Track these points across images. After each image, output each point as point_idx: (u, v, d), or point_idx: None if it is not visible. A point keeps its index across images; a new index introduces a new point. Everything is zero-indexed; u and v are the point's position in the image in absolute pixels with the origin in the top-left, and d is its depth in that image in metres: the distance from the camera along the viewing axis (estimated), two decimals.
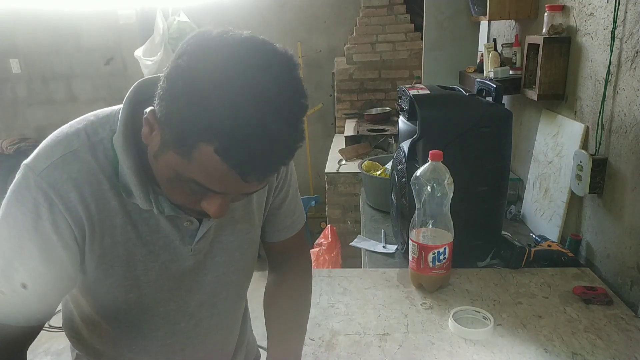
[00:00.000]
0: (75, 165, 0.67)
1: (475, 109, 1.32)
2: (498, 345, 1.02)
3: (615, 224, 1.23)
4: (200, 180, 0.60)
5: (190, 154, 0.57)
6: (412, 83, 3.14)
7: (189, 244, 0.77)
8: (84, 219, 0.68)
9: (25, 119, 4.41)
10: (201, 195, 0.64)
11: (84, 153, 0.68)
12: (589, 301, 1.14)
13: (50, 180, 0.65)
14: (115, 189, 0.69)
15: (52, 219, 0.66)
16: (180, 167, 0.60)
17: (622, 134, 1.19)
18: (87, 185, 0.67)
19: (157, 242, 0.75)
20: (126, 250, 0.72)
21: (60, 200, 0.66)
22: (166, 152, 0.61)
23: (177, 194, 0.66)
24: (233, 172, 0.57)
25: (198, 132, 0.56)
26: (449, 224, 1.18)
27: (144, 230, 0.73)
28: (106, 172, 0.69)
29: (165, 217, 0.73)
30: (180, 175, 0.61)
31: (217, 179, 0.59)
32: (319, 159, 3.71)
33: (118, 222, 0.71)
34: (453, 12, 2.40)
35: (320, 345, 1.04)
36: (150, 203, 0.70)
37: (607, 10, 1.23)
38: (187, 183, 0.61)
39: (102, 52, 4.21)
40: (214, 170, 0.57)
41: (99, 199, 0.68)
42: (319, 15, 4.07)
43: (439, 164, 1.15)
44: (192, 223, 0.76)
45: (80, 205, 0.67)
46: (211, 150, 0.56)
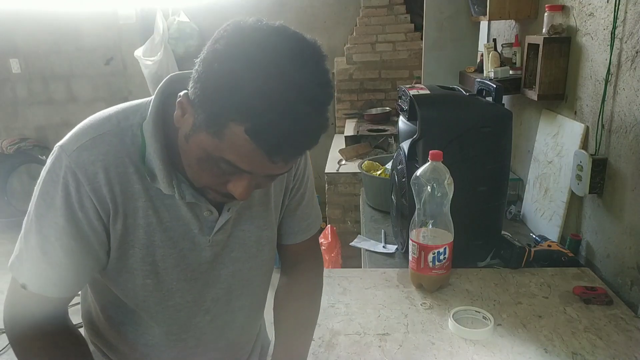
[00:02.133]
0: (103, 148, 0.71)
1: (475, 109, 1.32)
2: (498, 345, 1.02)
3: (615, 224, 1.23)
4: (230, 159, 0.63)
5: (222, 134, 0.61)
6: (412, 83, 3.14)
7: (207, 234, 0.80)
8: (109, 200, 0.71)
9: (25, 119, 4.41)
10: (228, 176, 0.67)
11: (112, 137, 0.72)
12: (589, 301, 1.14)
13: (78, 162, 0.69)
14: (139, 172, 0.73)
15: (79, 198, 0.70)
16: (211, 147, 0.63)
17: (622, 134, 1.19)
18: (112, 167, 0.71)
19: (176, 229, 0.78)
20: (146, 234, 0.76)
21: (87, 181, 0.70)
22: (198, 133, 0.64)
23: (205, 175, 0.68)
24: (261, 152, 0.61)
25: (230, 113, 0.59)
26: (449, 224, 1.18)
27: (165, 216, 0.76)
28: (132, 156, 0.72)
29: (186, 205, 0.76)
30: (210, 155, 0.64)
31: (245, 158, 0.62)
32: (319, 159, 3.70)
33: (140, 205, 0.74)
34: (453, 12, 2.40)
35: (320, 345, 1.04)
36: (173, 188, 0.73)
37: (607, 10, 1.23)
38: (217, 163, 0.65)
39: (102, 52, 4.21)
40: (243, 149, 0.61)
41: (124, 182, 0.72)
42: (319, 15, 4.07)
43: (439, 164, 1.15)
44: (212, 213, 0.79)
45: (105, 186, 0.71)
46: (241, 130, 0.59)
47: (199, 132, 0.63)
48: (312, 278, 1.00)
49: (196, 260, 0.81)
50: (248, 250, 0.86)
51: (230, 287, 0.87)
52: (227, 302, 0.88)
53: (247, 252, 0.86)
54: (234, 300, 0.89)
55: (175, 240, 0.78)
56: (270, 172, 0.66)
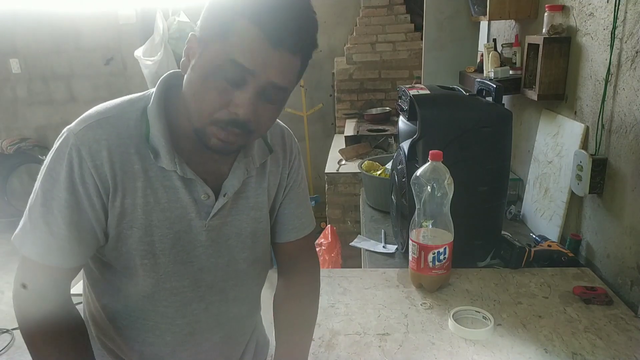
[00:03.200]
0: (108, 129, 0.76)
1: (475, 109, 1.32)
2: (498, 345, 1.02)
3: (615, 224, 1.23)
4: (236, 57, 0.68)
5: (228, 33, 0.68)
6: (412, 83, 3.14)
7: (204, 219, 0.83)
8: (109, 177, 0.76)
9: (25, 119, 4.40)
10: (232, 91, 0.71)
11: (116, 120, 0.77)
12: (589, 301, 1.14)
13: (83, 140, 0.75)
14: (140, 154, 0.77)
15: (80, 173, 0.75)
16: (218, 53, 0.69)
17: (622, 134, 1.19)
18: (115, 147, 0.76)
19: (173, 210, 0.81)
20: (144, 213, 0.79)
21: (90, 158, 0.74)
22: (205, 50, 0.70)
23: (210, 96, 0.72)
24: (264, 38, 0.67)
25: (234, 11, 0.67)
26: (449, 224, 1.18)
27: (163, 196, 0.80)
28: (134, 138, 0.77)
29: (184, 187, 0.80)
30: (216, 66, 0.69)
31: (251, 52, 0.68)
32: (319, 159, 3.71)
33: (139, 185, 0.78)
34: (453, 12, 2.40)
35: (320, 345, 1.04)
36: (175, 164, 0.78)
37: (607, 10, 1.23)
38: (223, 72, 0.69)
39: (102, 52, 4.21)
40: (250, 40, 0.67)
41: (124, 161, 0.77)
42: (319, 15, 3.95)
43: (439, 164, 1.15)
44: (209, 197, 0.82)
45: (107, 163, 0.75)
46: (246, 22, 0.67)
47: (206, 48, 0.70)
48: (309, 279, 1.02)
49: (192, 243, 0.84)
50: (244, 241, 0.89)
51: (225, 276, 0.89)
52: (222, 291, 0.90)
53: (243, 242, 0.89)
54: (229, 290, 0.91)
55: (172, 221, 0.81)
56: (271, 70, 0.70)
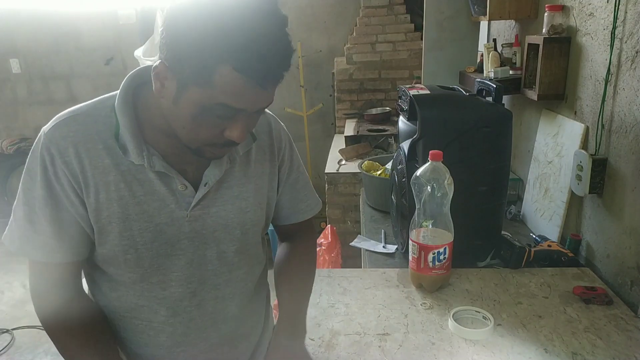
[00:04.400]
0: (74, 126, 0.78)
1: (475, 109, 1.32)
2: (498, 345, 1.02)
3: (615, 224, 1.23)
4: (225, 102, 0.68)
5: (211, 81, 0.66)
6: (412, 83, 3.14)
7: (185, 209, 0.83)
8: (79, 173, 0.77)
9: (25, 119, 4.41)
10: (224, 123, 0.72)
11: (84, 117, 0.79)
12: (589, 301, 1.14)
13: (52, 137, 0.77)
14: (108, 149, 0.79)
15: (54, 171, 0.77)
16: (203, 97, 0.68)
17: (622, 134, 1.19)
18: (82, 144, 0.77)
19: (150, 203, 0.81)
20: (120, 207, 0.79)
21: (59, 154, 0.76)
22: (187, 91, 0.68)
23: (202, 130, 0.73)
24: (252, 83, 0.66)
25: (214, 58, 0.64)
26: (449, 224, 1.18)
27: (138, 190, 0.80)
28: (102, 134, 0.79)
29: (159, 179, 0.81)
30: (204, 107, 0.69)
31: (239, 96, 0.68)
32: (319, 159, 3.71)
33: (111, 179, 0.79)
34: (453, 12, 2.40)
35: (320, 345, 1.04)
36: (143, 158, 0.78)
37: (607, 10, 1.23)
38: (212, 111, 0.69)
39: (102, 52, 4.21)
40: (236, 87, 0.66)
41: (93, 157, 0.78)
42: (319, 15, 4.07)
43: (439, 164, 1.15)
44: (186, 188, 0.82)
45: (75, 159, 0.77)
46: (230, 70, 0.65)
47: (187, 89, 0.68)
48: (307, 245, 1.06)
49: (175, 235, 0.84)
50: (232, 232, 0.89)
51: (216, 270, 0.89)
52: (215, 288, 0.89)
53: (231, 233, 0.89)
54: (223, 286, 0.90)
55: (150, 214, 0.81)
56: (260, 105, 0.72)
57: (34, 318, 0.84)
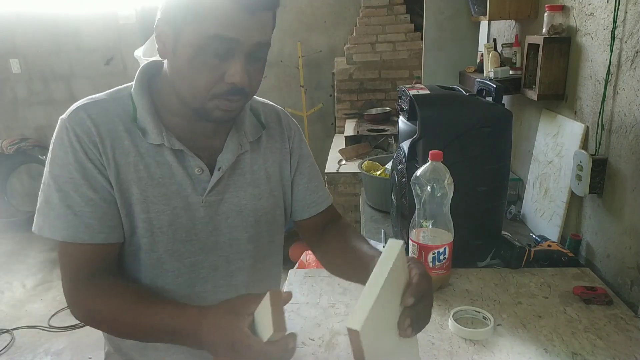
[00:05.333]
0: (95, 109, 0.81)
1: (475, 109, 1.32)
2: (498, 345, 1.02)
3: (615, 224, 1.23)
4: (217, 32, 0.70)
5: (201, 12, 0.69)
6: (412, 83, 3.14)
7: (200, 194, 0.85)
8: (102, 152, 0.80)
9: (25, 119, 4.41)
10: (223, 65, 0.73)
11: (103, 102, 0.83)
12: (589, 301, 1.14)
13: (75, 119, 0.80)
14: (129, 131, 0.81)
15: (83, 150, 0.79)
16: (197, 35, 0.71)
17: (622, 134, 1.19)
18: (103, 125, 0.80)
19: (169, 186, 0.83)
20: (139, 188, 0.82)
21: (84, 134, 0.79)
22: (182, 35, 0.72)
23: (202, 76, 0.74)
24: (239, 7, 0.69)
25: None
26: (449, 224, 1.18)
27: (157, 172, 0.82)
28: (122, 117, 0.82)
29: (177, 162, 0.82)
30: (199, 46, 0.71)
31: (229, 22, 0.70)
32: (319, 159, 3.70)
33: (131, 161, 0.81)
34: (453, 12, 2.40)
35: (320, 345, 1.04)
36: (162, 137, 0.81)
37: (607, 10, 1.23)
38: (208, 49, 0.71)
39: (102, 52, 4.21)
40: (224, 12, 0.69)
41: (114, 138, 0.81)
42: (319, 15, 4.07)
43: (439, 164, 1.15)
44: (203, 172, 0.84)
45: (98, 139, 0.80)
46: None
47: (181, 33, 0.72)
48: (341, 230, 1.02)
49: (190, 220, 0.85)
50: (245, 219, 0.90)
51: (229, 257, 0.90)
52: (228, 274, 0.91)
53: (244, 220, 0.90)
54: (236, 273, 0.91)
55: (168, 196, 0.83)
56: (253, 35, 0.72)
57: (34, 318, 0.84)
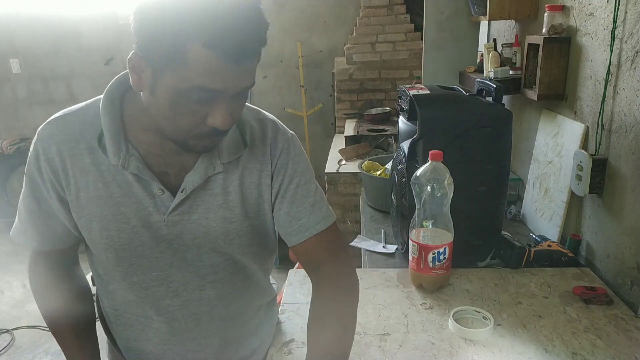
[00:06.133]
0: (61, 125, 0.81)
1: (475, 109, 1.32)
2: (498, 345, 1.02)
3: (615, 224, 1.23)
4: (201, 84, 0.65)
5: (184, 62, 0.64)
6: (412, 83, 3.14)
7: (162, 214, 0.82)
8: (60, 171, 0.80)
9: (25, 119, 4.41)
10: (205, 108, 0.69)
11: (72, 117, 0.82)
12: (589, 301, 1.14)
13: (40, 136, 0.81)
14: (90, 149, 0.80)
15: (38, 166, 0.81)
16: (178, 81, 0.66)
17: (622, 134, 1.19)
18: (64, 143, 0.80)
19: (128, 205, 0.81)
20: (99, 207, 0.81)
21: (43, 152, 0.80)
22: (162, 78, 0.67)
23: (183, 119, 0.70)
24: (225, 59, 0.64)
25: (183, 37, 0.63)
26: (449, 224, 1.18)
27: (115, 191, 0.81)
28: (86, 134, 0.80)
29: (137, 182, 0.80)
30: (181, 92, 0.67)
31: (214, 75, 0.65)
32: (319, 159, 3.70)
33: (90, 179, 0.81)
34: (453, 12, 2.40)
35: None
36: (119, 158, 0.78)
37: (607, 10, 1.23)
38: (190, 96, 0.67)
39: (102, 52, 4.21)
40: (209, 65, 0.64)
41: (74, 155, 0.80)
42: (319, 15, 4.07)
43: (439, 164, 1.15)
44: (164, 192, 0.81)
45: (57, 157, 0.80)
46: (200, 48, 0.63)
47: (161, 76, 0.67)
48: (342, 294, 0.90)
49: (153, 238, 0.83)
50: (214, 241, 0.85)
51: (199, 271, 0.86)
52: (200, 289, 0.87)
53: (213, 242, 0.85)
54: (208, 287, 0.87)
55: (127, 215, 0.81)
56: (239, 84, 0.69)
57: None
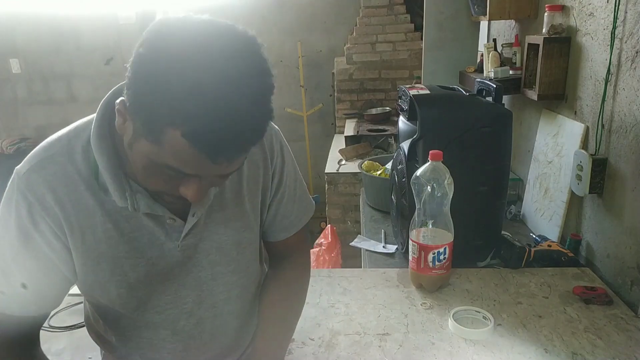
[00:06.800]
0: (51, 169, 0.71)
1: (475, 109, 1.32)
2: (498, 345, 1.02)
3: (615, 224, 1.23)
4: (173, 165, 0.60)
5: (160, 140, 0.58)
6: (412, 83, 3.14)
7: (175, 240, 0.79)
8: (61, 218, 0.72)
9: (25, 119, 4.41)
10: (178, 180, 0.64)
11: (60, 157, 0.72)
12: (589, 301, 1.14)
13: (27, 183, 0.70)
14: (92, 189, 0.73)
15: (31, 219, 0.71)
16: (152, 153, 0.61)
17: (622, 134, 1.19)
18: (61, 187, 0.71)
19: (140, 239, 0.77)
20: (109, 247, 0.75)
21: (37, 201, 0.70)
22: (138, 141, 0.61)
23: (154, 181, 0.66)
24: (202, 155, 0.58)
25: (164, 118, 0.56)
26: (449, 224, 1.18)
27: (126, 227, 0.75)
28: (82, 173, 0.72)
29: (147, 216, 0.75)
30: (154, 162, 0.62)
31: (188, 162, 0.60)
32: (319, 159, 3.71)
33: (97, 220, 0.73)
34: (453, 12, 2.40)
35: (320, 345, 1.04)
36: (126, 200, 0.72)
37: (607, 10, 1.23)
38: (162, 169, 0.62)
39: (102, 52, 4.21)
40: (184, 153, 0.58)
41: (75, 199, 0.72)
42: (319, 15, 4.07)
43: (439, 164, 1.15)
44: (175, 221, 0.77)
45: (55, 205, 0.71)
46: (179, 135, 0.56)
47: (139, 139, 0.61)
48: (298, 271, 0.99)
49: (168, 265, 0.80)
50: (227, 254, 0.84)
51: (213, 290, 0.85)
52: (213, 306, 0.87)
53: (227, 255, 0.84)
54: (221, 304, 0.87)
55: (141, 250, 0.77)
56: (216, 173, 0.64)
57: None
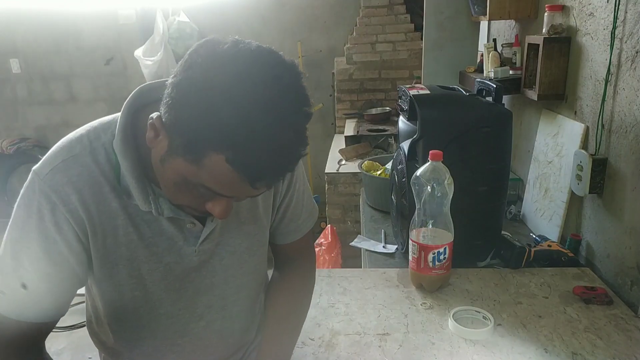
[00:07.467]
0: (76, 169, 0.71)
1: (475, 109, 1.32)
2: (498, 345, 1.02)
3: (615, 224, 1.23)
4: (210, 186, 0.63)
5: (201, 162, 0.60)
6: (412, 83, 3.14)
7: (192, 244, 0.80)
8: (85, 220, 0.72)
9: (25, 119, 4.40)
10: (207, 198, 0.66)
11: (84, 157, 0.72)
12: (589, 301, 1.14)
13: (52, 184, 0.70)
14: (115, 191, 0.73)
15: (54, 221, 0.70)
16: (189, 173, 0.63)
17: (622, 134, 1.19)
18: (87, 188, 0.71)
19: (160, 244, 0.77)
20: (129, 250, 0.75)
21: (62, 202, 0.70)
22: (174, 158, 0.63)
23: (182, 197, 0.68)
24: (243, 180, 0.61)
25: (210, 142, 0.58)
26: (449, 224, 1.18)
27: (146, 232, 0.76)
28: (107, 175, 0.72)
29: (167, 219, 0.76)
30: (188, 180, 0.64)
31: (226, 185, 0.62)
32: (319, 159, 3.71)
33: (119, 223, 0.74)
34: (453, 12, 2.40)
35: (320, 345, 1.04)
36: (150, 204, 0.73)
37: (607, 10, 1.23)
38: (196, 187, 0.64)
39: (102, 52, 4.21)
40: (224, 177, 0.61)
41: (100, 201, 0.72)
42: (319, 15, 4.07)
43: (439, 164, 1.15)
44: (195, 225, 0.78)
45: (80, 206, 0.71)
46: (222, 160, 0.59)
47: (175, 157, 0.63)
48: (303, 274, 1.01)
49: (184, 270, 0.81)
50: (240, 257, 0.86)
51: (223, 293, 0.87)
52: (222, 308, 0.88)
53: (239, 258, 0.86)
54: (230, 306, 0.89)
55: (160, 255, 0.78)
56: (250, 195, 0.67)
57: None
